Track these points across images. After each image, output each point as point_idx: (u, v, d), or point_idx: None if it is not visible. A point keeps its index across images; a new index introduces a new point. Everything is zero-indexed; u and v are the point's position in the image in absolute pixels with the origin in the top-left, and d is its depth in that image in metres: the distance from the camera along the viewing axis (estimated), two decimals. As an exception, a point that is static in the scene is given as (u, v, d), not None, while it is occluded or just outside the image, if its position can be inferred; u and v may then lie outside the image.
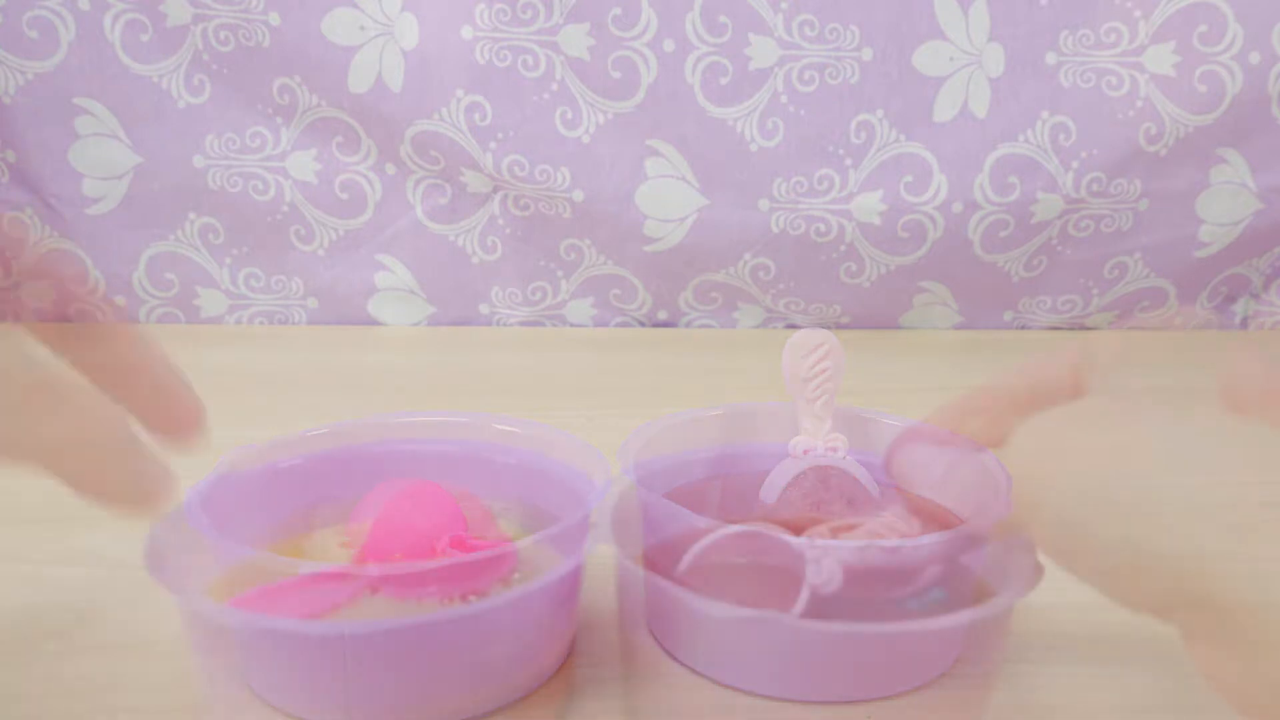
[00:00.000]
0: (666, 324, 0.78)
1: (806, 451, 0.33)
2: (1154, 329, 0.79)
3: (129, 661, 0.32)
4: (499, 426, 0.35)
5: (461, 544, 0.29)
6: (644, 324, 0.78)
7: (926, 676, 0.26)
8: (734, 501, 0.34)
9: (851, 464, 0.33)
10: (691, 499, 0.32)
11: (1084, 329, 0.78)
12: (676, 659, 0.27)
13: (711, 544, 0.29)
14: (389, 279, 0.75)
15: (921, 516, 0.27)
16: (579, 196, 0.70)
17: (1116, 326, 0.77)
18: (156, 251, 0.72)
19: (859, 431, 0.33)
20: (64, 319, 0.23)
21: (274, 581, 0.26)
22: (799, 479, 0.33)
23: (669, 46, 0.67)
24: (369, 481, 0.32)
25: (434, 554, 0.28)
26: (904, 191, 0.70)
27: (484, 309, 0.77)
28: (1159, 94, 0.68)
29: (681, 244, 0.72)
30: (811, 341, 0.33)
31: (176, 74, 0.68)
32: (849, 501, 0.33)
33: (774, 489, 0.33)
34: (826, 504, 0.33)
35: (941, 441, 0.27)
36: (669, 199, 0.71)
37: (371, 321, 0.77)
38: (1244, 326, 0.79)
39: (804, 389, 0.33)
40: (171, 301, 0.74)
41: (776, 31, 0.68)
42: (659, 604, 0.27)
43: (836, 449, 0.33)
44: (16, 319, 0.22)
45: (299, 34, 0.66)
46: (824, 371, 0.33)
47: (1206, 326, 0.79)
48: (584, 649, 0.32)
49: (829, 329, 0.34)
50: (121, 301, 0.73)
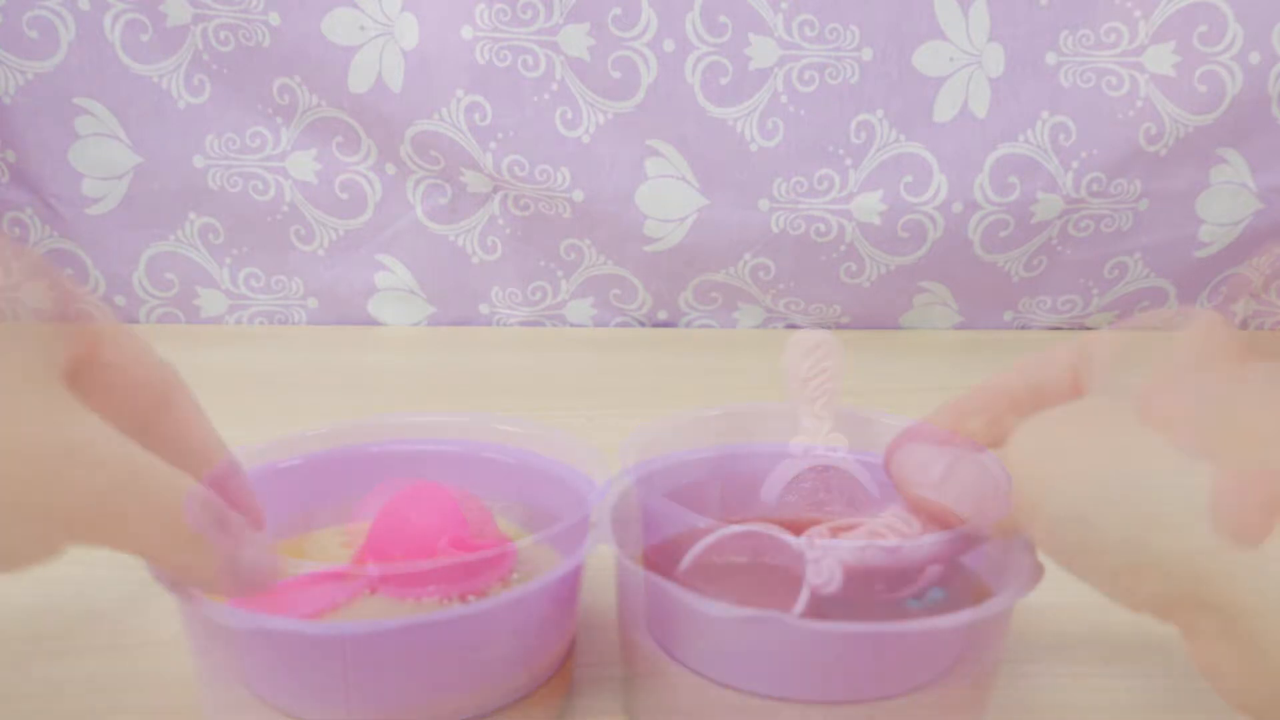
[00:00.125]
0: (666, 324, 0.78)
1: (806, 451, 0.33)
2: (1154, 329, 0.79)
3: (129, 661, 0.32)
4: (499, 426, 0.35)
5: (461, 544, 0.29)
6: (644, 324, 0.78)
7: (926, 676, 0.26)
8: (734, 501, 0.34)
9: (851, 464, 0.33)
10: (691, 499, 0.32)
11: (1084, 329, 0.78)
12: (676, 659, 0.27)
13: (712, 544, 0.29)
14: (389, 279, 0.75)
15: (921, 516, 0.27)
16: (579, 196, 0.70)
17: (1116, 326, 0.77)
18: (156, 251, 0.72)
19: (859, 431, 0.33)
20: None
21: (274, 581, 0.26)
22: (799, 479, 0.33)
23: (669, 46, 0.67)
24: (369, 481, 0.32)
25: (434, 554, 0.28)
26: (904, 191, 0.70)
27: (484, 309, 0.77)
28: (1159, 94, 0.68)
29: (681, 244, 0.72)
30: (811, 341, 0.33)
31: (176, 74, 0.68)
32: (849, 501, 0.33)
33: (774, 489, 0.33)
34: (826, 504, 0.33)
35: (941, 441, 0.27)
36: (669, 199, 0.71)
37: (371, 321, 0.77)
38: (1244, 327, 0.79)
39: (804, 389, 0.33)
40: (171, 301, 0.74)
41: (776, 31, 0.68)
42: (659, 604, 0.27)
43: (836, 449, 0.33)
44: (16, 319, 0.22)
45: (299, 34, 0.66)
46: (824, 372, 0.33)
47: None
48: (584, 649, 0.32)
49: (829, 329, 0.34)
50: (121, 301, 0.73)
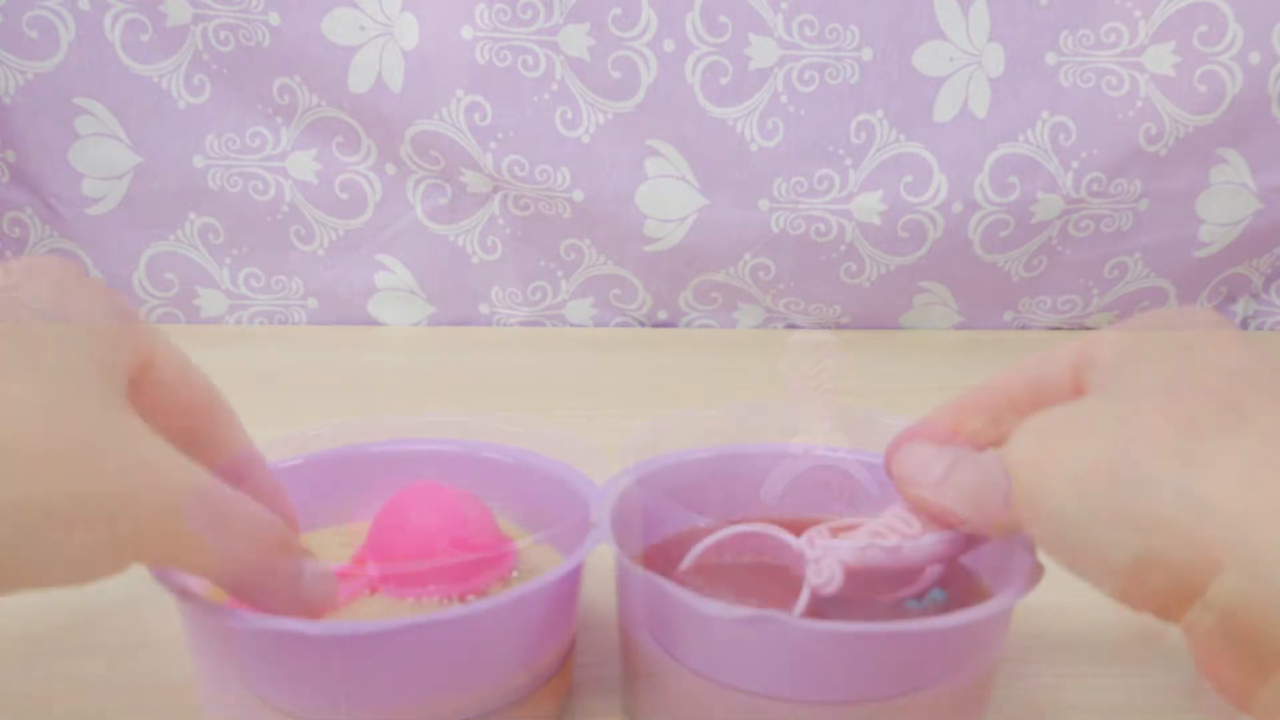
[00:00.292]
0: (666, 324, 0.78)
1: (806, 451, 0.33)
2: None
3: (129, 661, 0.32)
4: (499, 426, 0.35)
5: (461, 544, 0.29)
6: (644, 324, 0.78)
7: (926, 677, 0.26)
8: (734, 501, 0.34)
9: (851, 464, 0.33)
10: (691, 499, 0.32)
11: (1084, 329, 0.78)
12: (676, 659, 0.27)
13: (712, 544, 0.29)
14: (389, 279, 0.75)
15: (922, 516, 0.27)
16: (579, 196, 0.70)
17: (1116, 326, 0.77)
18: (156, 251, 0.72)
19: (859, 431, 0.33)
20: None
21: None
22: (799, 479, 0.33)
23: (669, 46, 0.67)
24: (369, 481, 0.32)
25: (434, 554, 0.28)
26: (904, 191, 0.70)
27: (484, 309, 0.77)
28: (1159, 94, 0.68)
29: (681, 244, 0.72)
30: (811, 341, 0.33)
31: (176, 74, 0.68)
32: (849, 501, 0.33)
33: (774, 489, 0.33)
34: (826, 504, 0.33)
35: (941, 441, 0.27)
36: (669, 199, 0.71)
37: (371, 321, 0.77)
38: (1244, 327, 0.79)
39: (804, 389, 0.33)
40: (171, 301, 0.74)
41: (776, 31, 0.68)
42: (659, 604, 0.27)
43: (836, 449, 0.33)
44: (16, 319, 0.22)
45: (299, 34, 0.66)
46: (824, 372, 0.33)
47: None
48: (584, 649, 0.32)
49: (829, 329, 0.34)
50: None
